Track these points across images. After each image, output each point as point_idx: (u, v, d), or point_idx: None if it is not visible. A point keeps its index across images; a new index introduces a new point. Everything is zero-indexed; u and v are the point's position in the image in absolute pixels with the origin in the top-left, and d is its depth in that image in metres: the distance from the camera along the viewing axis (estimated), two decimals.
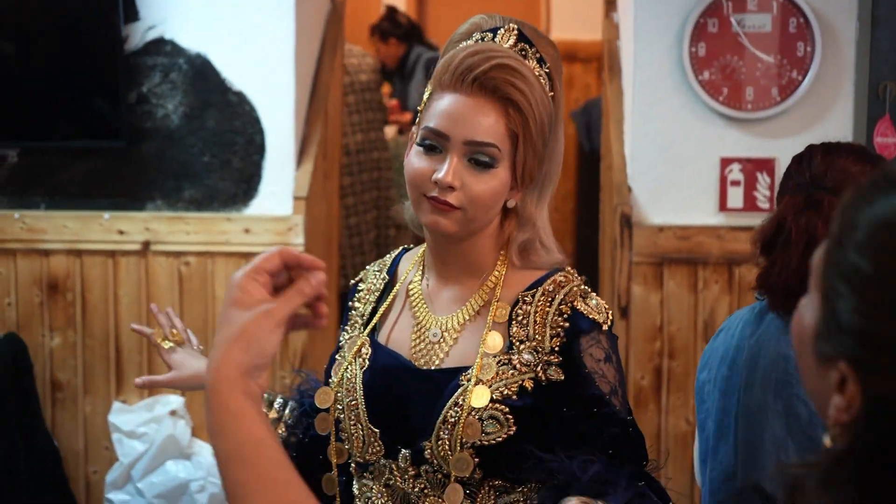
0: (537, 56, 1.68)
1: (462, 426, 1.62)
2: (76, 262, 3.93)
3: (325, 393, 1.75)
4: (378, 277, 1.85)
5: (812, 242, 2.02)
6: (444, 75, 1.66)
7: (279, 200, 3.91)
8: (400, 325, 1.78)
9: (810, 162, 2.17)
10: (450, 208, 1.64)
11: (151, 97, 3.92)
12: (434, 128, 1.65)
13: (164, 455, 3.84)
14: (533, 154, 1.67)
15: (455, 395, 1.64)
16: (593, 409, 1.65)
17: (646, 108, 3.88)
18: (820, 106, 3.83)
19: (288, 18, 3.87)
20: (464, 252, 1.72)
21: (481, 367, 1.65)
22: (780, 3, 3.78)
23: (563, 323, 1.66)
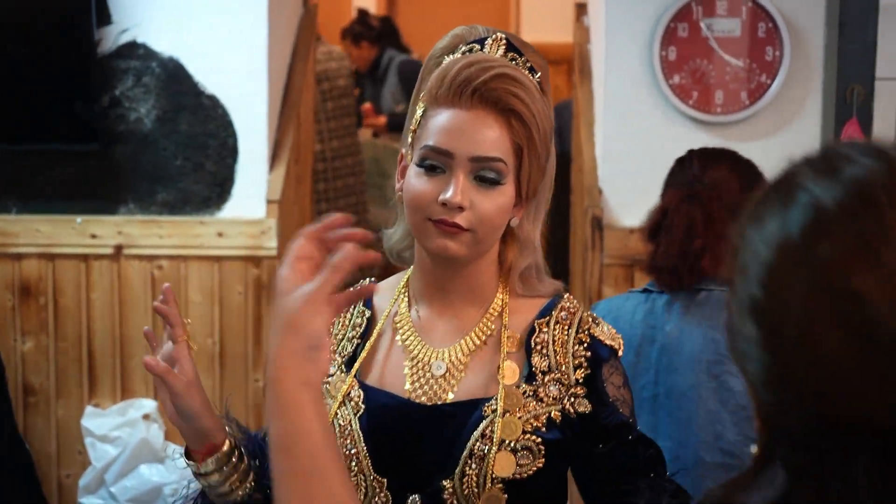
0: (528, 66, 1.60)
1: (493, 459, 1.55)
2: (48, 266, 3.92)
3: None
4: (353, 312, 1.72)
5: (690, 229, 2.35)
6: (439, 90, 1.56)
7: (252, 204, 3.92)
8: (390, 361, 1.67)
9: (691, 164, 2.51)
10: (459, 230, 1.55)
11: (124, 100, 3.92)
12: (435, 146, 1.55)
13: (138, 459, 3.83)
14: (537, 167, 1.60)
15: (481, 426, 1.56)
16: (627, 438, 1.64)
17: (617, 112, 3.91)
18: (788, 109, 3.87)
19: (261, 22, 3.88)
20: (467, 278, 1.64)
21: (506, 397, 1.58)
22: (750, 8, 3.82)
23: (584, 352, 1.63)
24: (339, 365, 1.67)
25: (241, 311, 3.90)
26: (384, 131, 6.72)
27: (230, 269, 3.89)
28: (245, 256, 3.88)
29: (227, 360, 3.92)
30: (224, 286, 3.89)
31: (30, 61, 3.85)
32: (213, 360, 3.91)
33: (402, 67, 6.75)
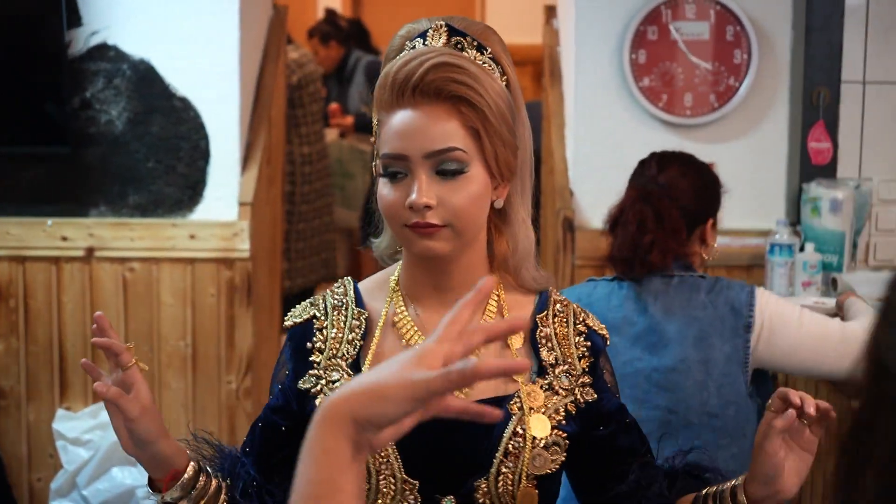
0: (475, 45, 1.57)
1: (528, 457, 1.57)
2: (19, 268, 3.90)
3: None
4: (346, 313, 1.67)
5: (642, 225, 2.62)
6: (383, 95, 1.55)
7: (224, 206, 3.92)
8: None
9: (649, 165, 2.75)
10: (435, 228, 1.53)
11: (95, 103, 3.91)
12: (390, 153, 1.54)
13: (110, 462, 3.82)
14: (502, 144, 1.55)
15: (511, 424, 1.57)
16: (625, 420, 1.70)
17: (587, 114, 3.94)
18: (756, 112, 3.92)
19: (232, 24, 3.88)
20: (460, 273, 1.62)
21: (528, 394, 1.59)
22: (718, 12, 3.87)
23: (584, 342, 1.67)
24: (344, 368, 1.63)
25: (213, 314, 3.89)
26: (351, 131, 6.73)
27: (202, 272, 3.89)
28: (217, 258, 3.88)
29: (199, 363, 3.91)
30: (196, 288, 3.89)
31: (0, 63, 3.83)
32: (185, 363, 3.91)
33: (369, 68, 6.76)
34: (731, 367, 2.59)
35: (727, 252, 3.90)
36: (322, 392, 1.62)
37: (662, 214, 2.62)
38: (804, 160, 3.89)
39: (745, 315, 2.59)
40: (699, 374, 2.57)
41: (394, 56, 1.61)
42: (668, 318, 2.61)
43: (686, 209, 2.67)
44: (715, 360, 2.58)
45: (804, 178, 3.88)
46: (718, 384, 2.57)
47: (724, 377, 2.57)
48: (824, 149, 3.88)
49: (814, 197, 3.79)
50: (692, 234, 2.72)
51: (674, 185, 2.67)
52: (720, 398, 2.56)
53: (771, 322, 2.62)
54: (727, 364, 2.57)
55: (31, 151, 3.90)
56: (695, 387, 2.57)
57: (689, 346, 2.59)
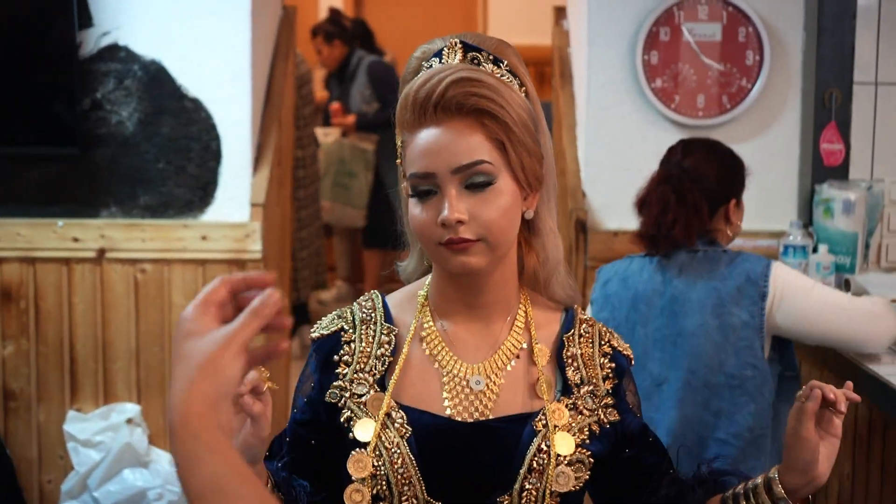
0: (491, 59, 1.58)
1: (552, 475, 1.57)
2: (29, 269, 3.89)
3: (361, 461, 1.57)
4: (375, 328, 1.66)
5: (665, 205, 2.83)
6: (405, 116, 1.56)
7: (236, 207, 3.91)
8: (425, 379, 1.63)
9: (676, 150, 2.97)
10: (469, 243, 1.53)
11: (106, 103, 3.89)
12: (417, 172, 1.54)
13: (121, 463, 3.81)
14: (527, 153, 1.56)
15: (535, 441, 1.57)
16: (648, 440, 1.70)
17: (599, 115, 3.94)
18: (768, 113, 3.92)
19: (244, 24, 3.87)
20: (492, 290, 1.62)
21: (552, 412, 1.59)
22: (730, 13, 3.87)
23: (609, 364, 1.67)
24: (371, 384, 1.62)
25: None
26: (352, 130, 6.74)
27: (214, 273, 3.87)
28: (229, 260, 3.87)
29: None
30: None
31: (9, 63, 3.82)
32: None
33: (371, 68, 6.75)
34: (748, 333, 2.78)
35: None
36: (346, 406, 1.61)
37: (685, 195, 2.83)
38: (816, 161, 3.89)
39: (761, 285, 2.78)
40: (718, 338, 2.78)
41: (411, 78, 1.62)
42: (691, 288, 2.82)
43: (707, 190, 2.86)
44: (733, 325, 2.77)
45: (816, 180, 3.88)
46: (736, 348, 2.77)
47: (741, 342, 2.77)
48: (836, 150, 3.88)
49: (826, 198, 3.79)
50: (716, 212, 2.91)
51: (696, 167, 2.87)
52: (738, 361, 2.76)
53: (784, 290, 2.80)
54: (744, 330, 2.77)
55: (41, 152, 3.89)
56: (714, 350, 2.78)
57: (709, 314, 2.79)
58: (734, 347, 2.77)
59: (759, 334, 2.78)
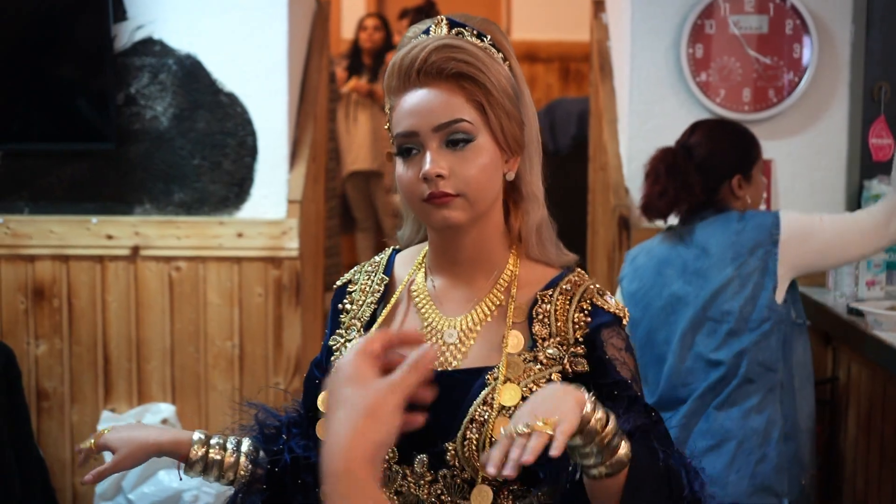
0: (475, 33, 1.67)
1: (492, 425, 1.58)
2: (62, 267, 3.83)
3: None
4: (373, 278, 1.79)
5: (656, 178, 3.02)
6: (391, 82, 1.65)
7: (272, 203, 3.84)
8: (404, 326, 1.72)
9: (693, 129, 3.09)
10: (449, 197, 1.60)
11: (140, 98, 3.83)
12: (401, 131, 1.63)
13: (156, 465, 3.74)
14: (507, 116, 1.64)
15: (483, 393, 1.61)
16: (615, 392, 1.63)
17: (643, 109, 3.86)
18: (816, 107, 3.84)
19: (281, 18, 3.80)
20: (475, 247, 1.68)
21: (507, 365, 1.62)
22: (777, 5, 3.79)
23: (584, 318, 1.66)
24: (358, 328, 1.74)
25: (261, 313, 3.82)
26: None
27: (250, 271, 3.81)
28: (265, 257, 3.80)
29: (246, 364, 3.84)
30: (244, 288, 3.81)
31: (43, 58, 3.75)
32: (232, 364, 3.83)
33: None
34: (764, 278, 2.95)
35: None
36: (340, 350, 1.74)
37: (678, 168, 2.99)
38: (865, 156, 3.81)
39: (773, 233, 2.95)
40: (737, 287, 2.95)
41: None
42: (710, 246, 2.99)
43: (702, 165, 2.99)
44: (750, 274, 2.95)
45: (865, 175, 3.80)
46: (755, 293, 2.95)
47: (758, 287, 2.95)
48: (885, 144, 3.79)
49: (876, 194, 3.71)
50: (719, 186, 3.03)
51: (694, 144, 3.02)
52: (757, 305, 2.94)
53: (798, 233, 2.97)
54: (761, 276, 2.95)
55: (74, 148, 3.83)
56: (734, 297, 2.95)
57: (728, 265, 2.97)
58: (752, 293, 2.94)
59: (773, 278, 2.95)
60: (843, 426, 3.65)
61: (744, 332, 2.93)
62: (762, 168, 3.09)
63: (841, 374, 3.67)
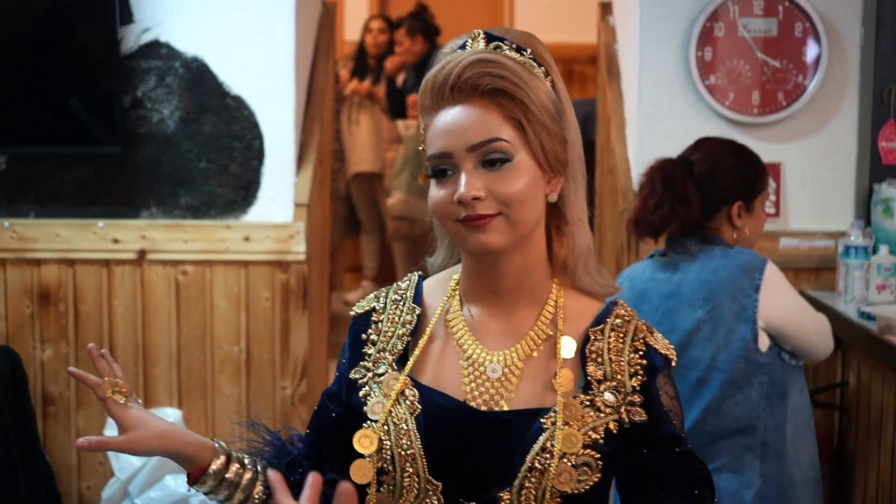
0: (514, 47, 1.57)
1: (554, 474, 1.49)
2: (69, 271, 3.81)
3: (368, 437, 1.56)
4: (401, 308, 1.67)
5: (652, 191, 2.81)
6: (424, 101, 1.57)
7: (279, 207, 3.82)
8: (444, 361, 1.60)
9: (698, 144, 2.90)
10: (487, 219, 1.50)
11: (146, 101, 3.81)
12: (435, 152, 1.54)
13: (163, 469, 3.72)
14: (548, 134, 1.54)
15: (541, 439, 1.51)
16: (675, 449, 1.58)
17: (651, 112, 3.85)
18: (825, 110, 3.82)
19: (288, 19, 3.78)
20: (517, 275, 1.58)
21: (564, 408, 1.53)
22: (786, 8, 3.77)
23: (640, 360, 1.58)
24: (390, 362, 1.62)
25: (268, 317, 3.80)
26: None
27: (257, 274, 3.79)
28: (272, 261, 3.78)
29: (253, 368, 3.82)
30: (251, 292, 3.79)
31: (49, 61, 3.73)
32: (239, 368, 3.82)
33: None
34: (740, 325, 2.72)
35: (795, 254, 3.81)
36: (367, 385, 1.62)
37: (675, 182, 2.78)
38: (874, 160, 3.79)
39: (756, 277, 2.72)
40: (709, 331, 2.74)
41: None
42: (683, 285, 2.79)
43: (701, 182, 2.79)
44: (723, 318, 2.73)
45: (874, 179, 3.79)
46: (727, 340, 2.72)
47: (731, 333, 2.73)
48: (895, 148, 3.78)
49: (885, 198, 3.70)
50: (716, 211, 2.83)
51: (696, 160, 2.82)
52: (729, 354, 2.72)
53: (778, 285, 2.77)
54: (736, 321, 2.72)
55: (80, 151, 3.81)
56: (705, 343, 2.75)
57: (700, 307, 2.76)
58: (724, 340, 2.73)
59: (752, 325, 2.73)
60: (853, 431, 3.63)
61: (713, 383, 2.73)
62: (765, 200, 2.89)
63: (851, 379, 3.65)
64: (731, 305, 2.72)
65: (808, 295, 3.75)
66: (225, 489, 1.63)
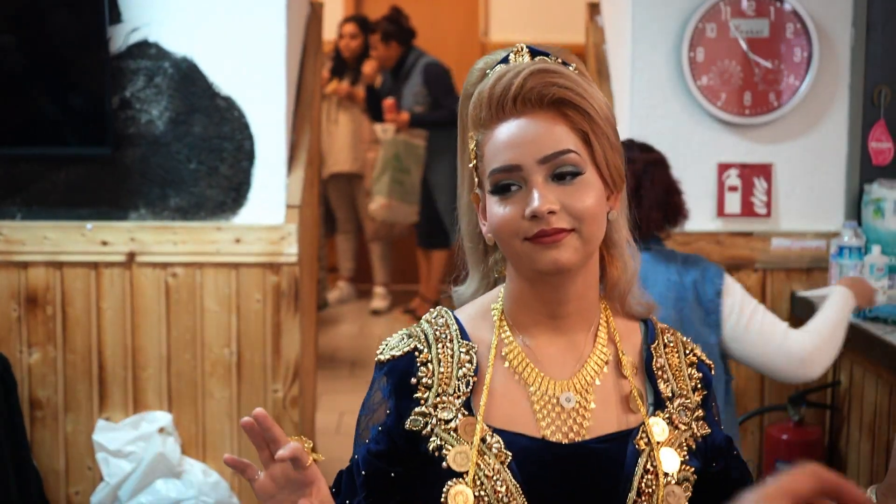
0: (559, 61, 1.52)
1: (660, 495, 1.48)
2: (56, 274, 3.76)
3: (462, 493, 1.47)
4: (453, 347, 1.55)
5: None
6: (481, 113, 1.50)
7: (270, 209, 3.79)
8: (512, 398, 1.52)
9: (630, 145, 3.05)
10: (563, 234, 1.44)
11: (135, 102, 3.77)
12: (501, 166, 1.46)
13: (154, 474, 3.68)
14: (611, 147, 1.49)
15: (641, 462, 1.49)
16: (733, 453, 1.62)
17: (643, 113, 3.85)
18: (816, 111, 3.84)
19: (279, 20, 3.75)
20: (579, 296, 1.52)
21: (653, 429, 1.52)
22: (778, 9, 3.78)
23: (697, 374, 1.60)
24: (458, 407, 1.51)
25: (259, 320, 3.77)
26: (405, 128, 6.71)
27: (248, 277, 3.76)
28: (263, 263, 3.75)
29: (244, 371, 3.78)
30: (241, 294, 3.76)
31: (36, 60, 3.68)
32: (229, 371, 3.78)
33: (427, 69, 6.73)
34: (704, 330, 2.82)
35: (787, 255, 3.82)
36: (433, 432, 1.50)
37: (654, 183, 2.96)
38: (865, 160, 3.81)
39: (716, 282, 2.85)
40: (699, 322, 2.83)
41: (472, 88, 1.55)
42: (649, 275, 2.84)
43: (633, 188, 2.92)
44: (690, 320, 2.82)
45: (865, 179, 3.81)
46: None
47: (698, 337, 2.78)
48: (885, 148, 3.80)
49: (877, 198, 3.71)
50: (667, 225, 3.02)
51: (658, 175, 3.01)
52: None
53: (732, 305, 2.86)
54: (701, 326, 2.82)
55: (68, 152, 3.76)
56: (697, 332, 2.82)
57: (671, 307, 2.82)
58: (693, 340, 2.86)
59: (716, 331, 2.84)
60: (846, 431, 3.65)
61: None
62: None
63: (843, 379, 3.67)
64: (694, 308, 2.80)
65: (800, 296, 3.77)
66: None
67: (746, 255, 3.83)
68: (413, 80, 6.67)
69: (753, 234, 3.83)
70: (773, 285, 3.84)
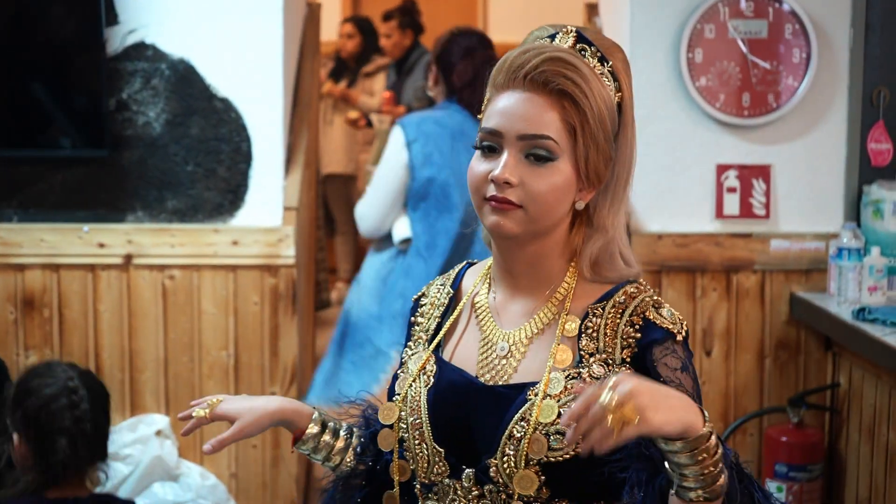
0: (598, 55, 1.62)
1: (528, 442, 1.56)
2: (53, 276, 3.75)
3: (390, 409, 1.72)
4: (441, 292, 1.79)
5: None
6: (497, 77, 1.64)
7: (267, 211, 3.78)
8: (466, 340, 1.72)
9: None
10: (510, 206, 1.58)
11: (132, 104, 3.76)
12: (488, 127, 1.62)
13: (151, 477, 3.68)
14: (595, 149, 1.60)
15: (521, 410, 1.58)
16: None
17: (642, 114, 3.77)
18: (815, 112, 3.83)
19: (276, 21, 3.74)
20: (531, 261, 1.66)
21: (549, 382, 1.58)
22: (776, 10, 3.77)
23: (634, 334, 1.58)
24: (424, 342, 1.76)
25: (256, 322, 3.76)
26: None
27: (245, 279, 3.75)
28: (261, 265, 3.74)
29: (241, 373, 3.77)
30: (239, 296, 3.75)
31: (33, 63, 3.68)
32: (227, 373, 3.77)
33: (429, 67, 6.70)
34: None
35: (786, 256, 3.82)
36: (406, 365, 1.75)
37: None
38: (864, 161, 3.80)
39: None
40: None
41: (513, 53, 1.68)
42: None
43: None
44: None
45: (864, 180, 3.80)
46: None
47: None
48: (884, 150, 3.79)
49: (876, 199, 3.70)
50: None
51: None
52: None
53: None
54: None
55: (65, 154, 3.75)
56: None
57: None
58: None
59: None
60: (845, 433, 3.64)
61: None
62: None
63: (842, 380, 3.66)
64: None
65: (799, 297, 3.76)
66: (322, 452, 1.81)
67: (745, 257, 3.82)
68: (415, 76, 6.64)
69: (752, 236, 3.82)
70: (772, 287, 3.83)
